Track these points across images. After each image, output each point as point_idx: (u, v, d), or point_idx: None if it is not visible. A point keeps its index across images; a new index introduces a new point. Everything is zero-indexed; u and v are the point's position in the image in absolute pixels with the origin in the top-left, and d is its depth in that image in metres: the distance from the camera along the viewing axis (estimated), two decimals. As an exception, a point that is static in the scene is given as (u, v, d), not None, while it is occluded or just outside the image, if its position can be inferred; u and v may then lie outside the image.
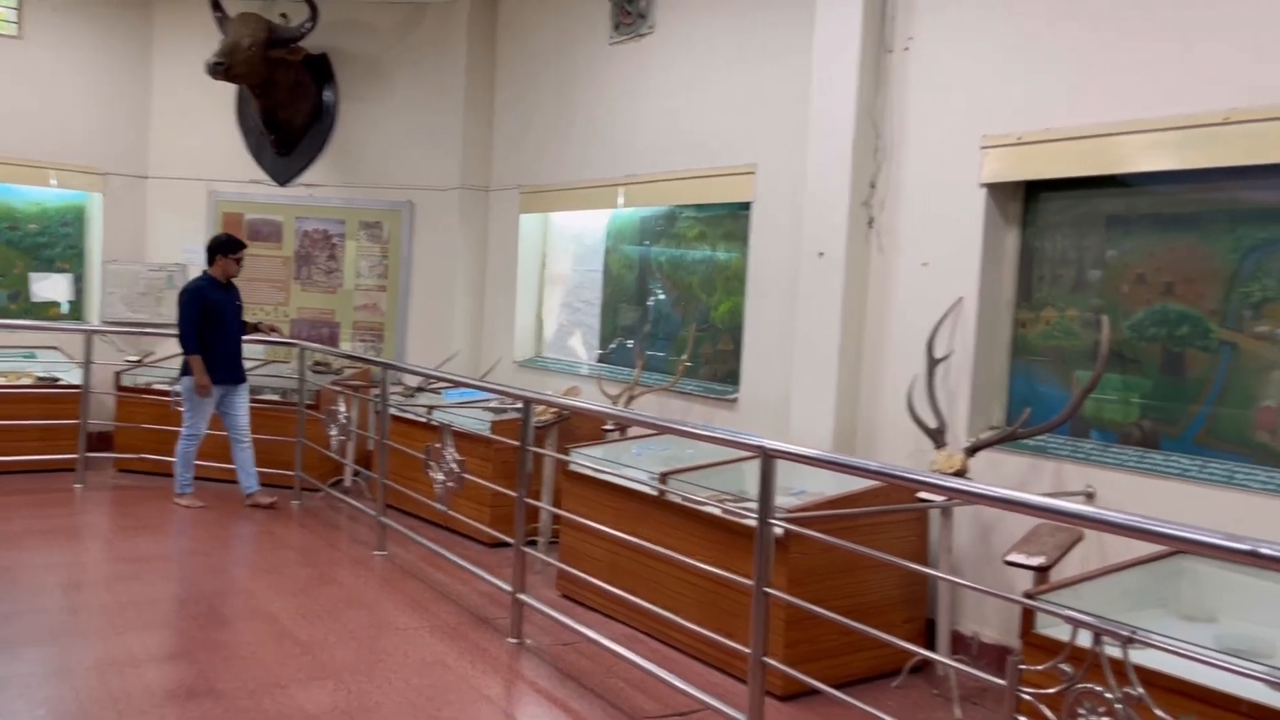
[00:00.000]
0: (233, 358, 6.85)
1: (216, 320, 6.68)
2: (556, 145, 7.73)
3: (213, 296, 6.71)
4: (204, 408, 6.75)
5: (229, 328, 6.79)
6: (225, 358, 6.77)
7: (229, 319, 6.80)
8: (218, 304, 6.71)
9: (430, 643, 4.60)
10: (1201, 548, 2.29)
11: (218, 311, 6.69)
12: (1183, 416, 4.13)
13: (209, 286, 6.75)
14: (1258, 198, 3.91)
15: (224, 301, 6.77)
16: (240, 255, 6.85)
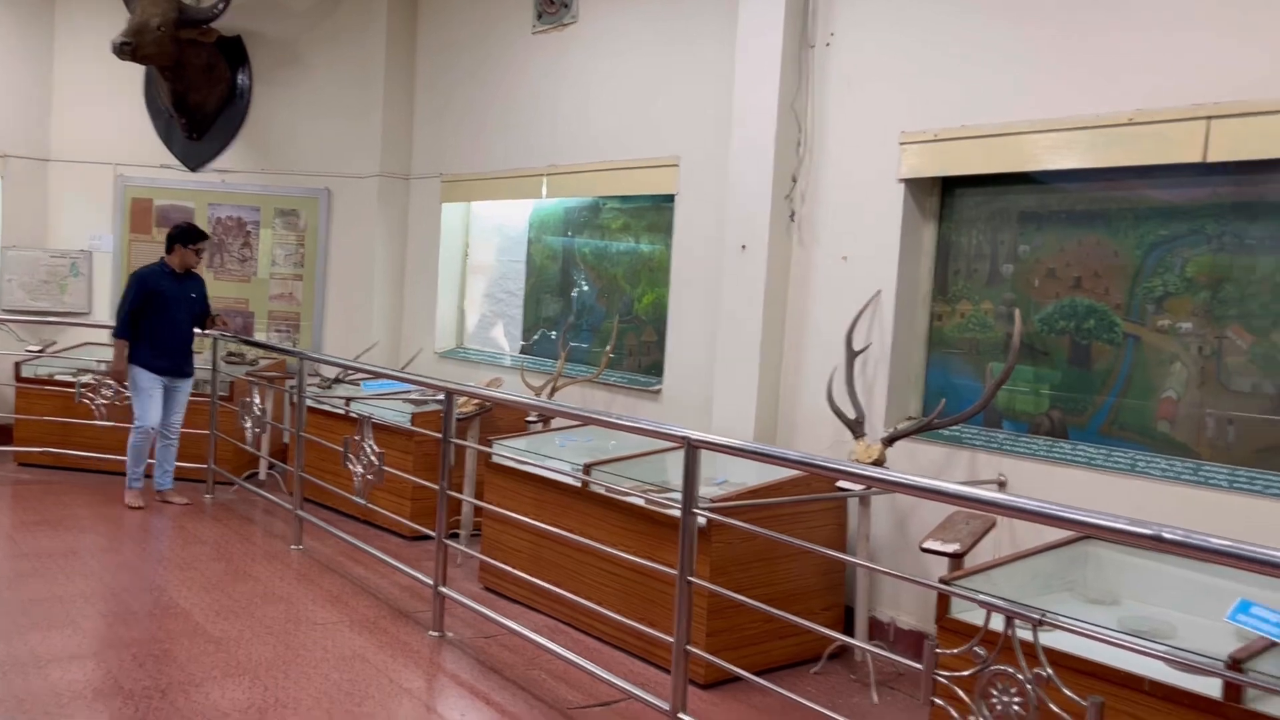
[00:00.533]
0: (176, 350, 6.56)
1: (161, 309, 6.44)
2: (479, 134, 7.65)
3: (160, 285, 6.46)
4: (149, 397, 6.46)
5: (176, 318, 6.52)
6: (167, 349, 6.50)
7: (177, 309, 6.52)
8: (165, 292, 6.46)
9: (349, 637, 4.53)
10: (1108, 533, 2.38)
11: (164, 300, 6.44)
12: (1089, 407, 4.27)
13: (158, 275, 6.51)
14: (1160, 196, 4.06)
15: (174, 291, 6.51)
16: (200, 246, 6.59)
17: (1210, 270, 3.91)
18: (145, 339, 6.41)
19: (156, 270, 6.54)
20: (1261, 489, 3.63)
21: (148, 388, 6.44)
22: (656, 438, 3.60)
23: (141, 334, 6.42)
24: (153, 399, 6.47)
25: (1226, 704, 2.56)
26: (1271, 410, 3.74)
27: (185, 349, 6.62)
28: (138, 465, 6.57)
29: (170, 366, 6.53)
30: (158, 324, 6.43)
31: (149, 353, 6.42)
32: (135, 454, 6.54)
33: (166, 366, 6.51)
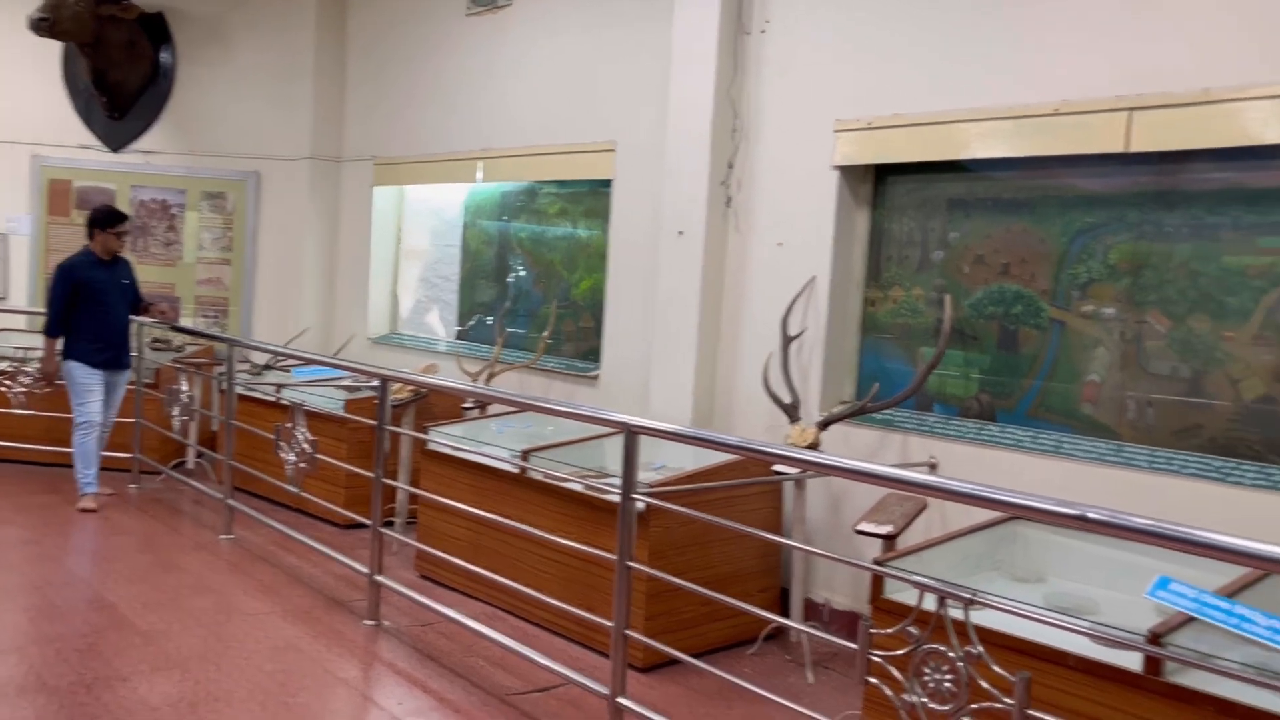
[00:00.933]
0: (114, 341, 6.23)
1: (94, 299, 6.09)
2: (412, 116, 7.55)
3: (89, 275, 6.11)
4: (88, 392, 6.12)
5: (111, 308, 6.19)
6: (106, 340, 6.16)
7: (110, 298, 6.18)
8: (94, 282, 6.11)
9: (282, 627, 4.47)
10: (1037, 513, 2.44)
11: (96, 290, 6.10)
12: (1017, 391, 4.38)
13: (85, 264, 6.14)
14: (1084, 185, 4.17)
15: (105, 279, 6.16)
16: (121, 229, 6.22)
17: (1131, 257, 4.02)
18: (81, 332, 6.08)
19: (83, 259, 6.18)
20: (1178, 469, 3.76)
21: (87, 383, 6.12)
22: (596, 423, 3.61)
23: (76, 327, 6.09)
24: (93, 394, 6.15)
25: (1147, 677, 2.65)
26: (1188, 393, 3.87)
27: (123, 339, 6.33)
28: (89, 467, 6.19)
29: (110, 359, 6.21)
30: (93, 315, 6.09)
31: (87, 346, 6.09)
32: (84, 455, 6.17)
33: (107, 359, 6.18)
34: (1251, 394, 3.72)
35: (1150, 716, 2.63)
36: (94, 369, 6.13)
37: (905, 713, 2.59)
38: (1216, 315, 3.79)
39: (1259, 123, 3.55)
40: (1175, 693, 2.61)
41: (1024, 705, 2.36)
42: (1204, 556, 2.26)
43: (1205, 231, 3.82)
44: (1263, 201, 3.69)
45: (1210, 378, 3.81)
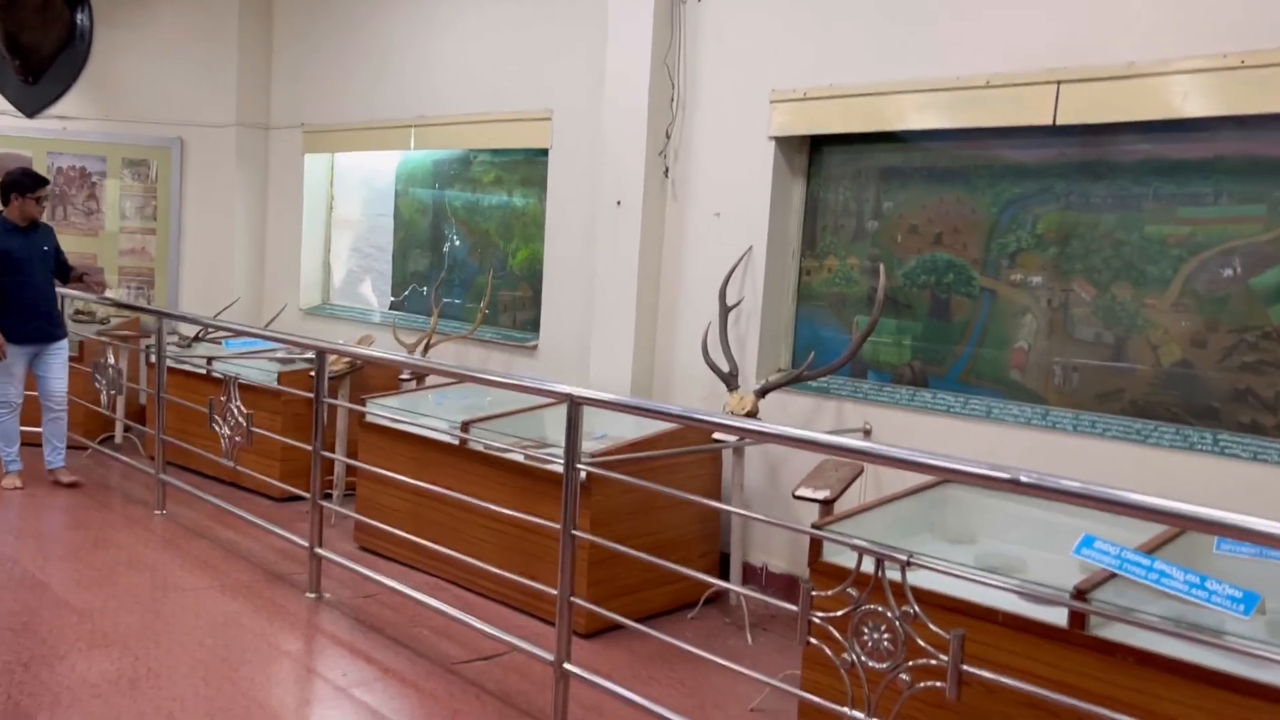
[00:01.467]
0: (39, 312, 5.93)
1: (13, 270, 5.79)
2: (343, 83, 7.40)
3: (6, 244, 5.81)
4: (11, 370, 5.88)
5: (32, 278, 5.88)
6: (29, 312, 5.87)
7: (31, 267, 5.88)
8: (13, 251, 5.81)
9: (222, 602, 4.43)
10: (972, 477, 2.53)
11: (13, 260, 5.79)
12: (949, 357, 4.50)
13: (1, 231, 5.86)
14: (1014, 156, 4.27)
15: (24, 247, 5.86)
16: (39, 194, 5.89)
17: (1059, 227, 4.15)
18: (4, 306, 5.81)
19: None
20: (1101, 431, 3.91)
21: (10, 361, 5.86)
22: (538, 395, 3.62)
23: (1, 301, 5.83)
24: (13, 374, 5.90)
25: (1071, 631, 2.77)
26: (1111, 358, 4.02)
27: (50, 309, 6.03)
28: (10, 445, 6.00)
29: (35, 332, 5.92)
30: (12, 287, 5.81)
31: (11, 321, 5.80)
32: (2, 434, 5.98)
33: (31, 332, 5.90)
34: (1169, 359, 3.87)
35: (1074, 668, 2.75)
36: (17, 345, 5.86)
37: (845, 671, 2.67)
38: (1138, 283, 3.93)
39: (1179, 96, 3.68)
40: (1098, 645, 2.73)
41: (958, 661, 2.45)
42: (1126, 516, 2.37)
43: (1128, 202, 3.95)
44: (1182, 173, 3.82)
45: (1132, 343, 3.96)
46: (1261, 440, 3.61)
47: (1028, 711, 2.81)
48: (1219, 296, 3.75)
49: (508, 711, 3.57)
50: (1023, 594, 2.94)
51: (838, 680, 2.74)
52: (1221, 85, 3.58)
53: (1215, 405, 3.76)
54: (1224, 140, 3.73)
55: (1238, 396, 3.72)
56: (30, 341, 5.93)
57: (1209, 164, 3.76)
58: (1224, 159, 3.74)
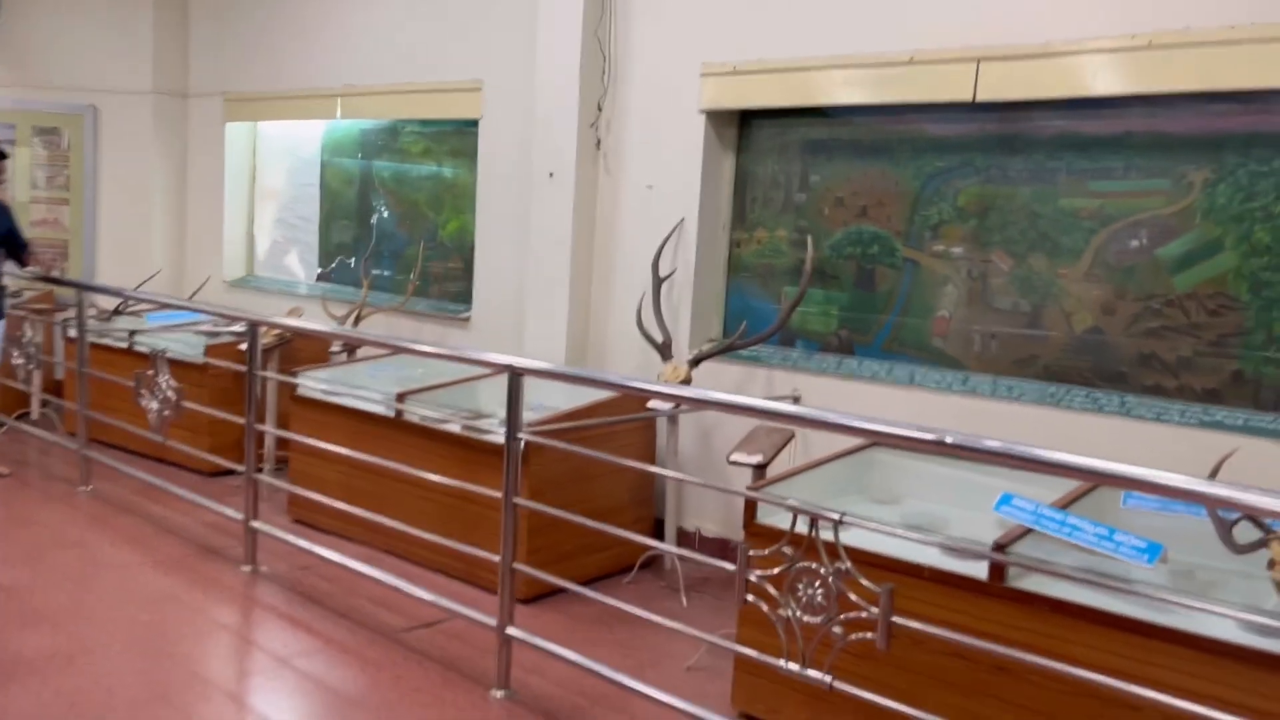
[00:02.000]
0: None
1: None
2: (265, 50, 7.26)
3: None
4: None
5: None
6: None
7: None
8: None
9: (155, 578, 4.40)
10: (901, 439, 2.66)
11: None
12: (874, 326, 4.65)
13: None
14: (934, 131, 4.42)
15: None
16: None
17: (978, 200, 4.31)
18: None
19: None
20: (1018, 396, 4.10)
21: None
22: (478, 365, 3.66)
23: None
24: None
25: (992, 584, 2.93)
26: (1027, 326, 4.20)
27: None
28: None
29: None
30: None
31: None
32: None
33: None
34: (1081, 326, 4.07)
35: (995, 618, 2.91)
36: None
37: (781, 626, 2.79)
38: (1053, 254, 4.12)
39: (1091, 75, 3.85)
40: (1016, 596, 2.90)
41: (888, 613, 2.59)
42: (1043, 473, 2.53)
43: (1044, 176, 4.12)
44: (1093, 148, 4.00)
45: (1047, 311, 4.15)
46: (1164, 401, 3.83)
47: (952, 660, 2.97)
48: (1127, 266, 3.95)
49: (451, 676, 3.63)
50: (947, 549, 3.11)
51: (772, 637, 2.87)
52: (1130, 64, 3.76)
53: (1123, 369, 3.97)
54: (1133, 117, 3.92)
55: (1143, 361, 3.93)
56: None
57: (1119, 140, 3.95)
58: (1132, 135, 3.92)
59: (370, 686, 3.51)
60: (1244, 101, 3.65)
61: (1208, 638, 2.61)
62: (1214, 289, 3.77)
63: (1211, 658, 2.59)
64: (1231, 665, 2.57)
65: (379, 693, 3.47)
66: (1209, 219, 3.76)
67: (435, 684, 3.56)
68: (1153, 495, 3.03)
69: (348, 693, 3.45)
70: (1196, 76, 3.63)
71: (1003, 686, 2.89)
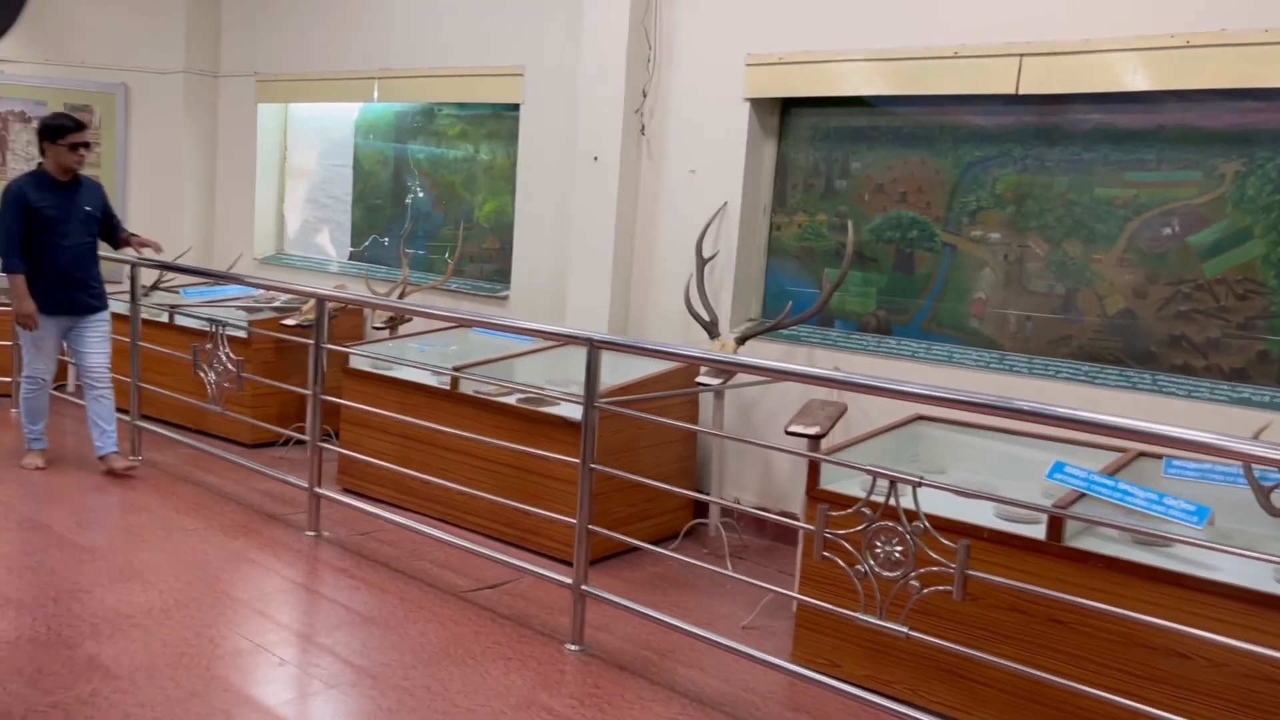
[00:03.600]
0: (72, 278, 5.22)
1: (46, 230, 5.11)
2: (299, 32, 7.39)
3: (37, 199, 5.08)
4: (40, 343, 5.28)
5: (66, 240, 5.17)
6: (59, 280, 5.18)
7: (67, 228, 5.17)
8: (46, 209, 5.10)
9: (224, 540, 4.58)
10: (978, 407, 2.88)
11: (46, 219, 5.10)
12: (912, 307, 4.88)
13: (36, 185, 5.13)
14: (975, 122, 4.64)
15: (59, 205, 5.14)
16: (72, 140, 5.11)
17: (1015, 188, 4.54)
18: (35, 270, 5.14)
19: (31, 180, 5.18)
20: (1053, 374, 4.35)
21: (40, 333, 5.24)
22: (558, 340, 3.87)
23: (31, 265, 5.14)
24: (41, 347, 5.31)
25: (1049, 543, 3.17)
26: (1061, 309, 4.45)
27: (86, 277, 5.29)
28: (34, 422, 5.47)
29: (66, 302, 5.24)
30: (45, 250, 5.13)
31: (39, 287, 5.15)
32: (28, 409, 5.46)
33: (61, 303, 5.23)
34: (1114, 309, 4.32)
35: (1052, 574, 3.15)
36: (48, 316, 5.22)
37: (859, 581, 3.02)
38: (1088, 240, 4.36)
39: (1129, 71, 4.08)
40: (1071, 554, 3.14)
41: (964, 567, 2.83)
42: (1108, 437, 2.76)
43: (1080, 166, 4.36)
44: (1128, 141, 4.24)
45: (1081, 295, 4.39)
46: (1194, 380, 4.08)
47: (1010, 615, 3.22)
48: (1159, 253, 4.19)
49: (525, 632, 3.84)
50: (1003, 514, 3.35)
51: (835, 595, 3.10)
52: (1166, 62, 3.99)
53: (1154, 350, 4.22)
54: (1166, 112, 4.15)
55: (1173, 342, 4.18)
56: (63, 312, 5.28)
57: (1152, 133, 4.19)
58: (1165, 129, 4.16)
59: (452, 640, 3.72)
60: (1274, 99, 3.89)
61: (1248, 589, 2.86)
62: (1242, 274, 4.02)
63: (1251, 607, 2.84)
64: (1269, 613, 2.82)
65: (462, 645, 3.68)
66: (1239, 209, 4.01)
67: (512, 639, 3.77)
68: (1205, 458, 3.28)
69: (432, 645, 3.66)
70: (1230, 75, 3.86)
71: (1058, 638, 3.14)
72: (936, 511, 3.32)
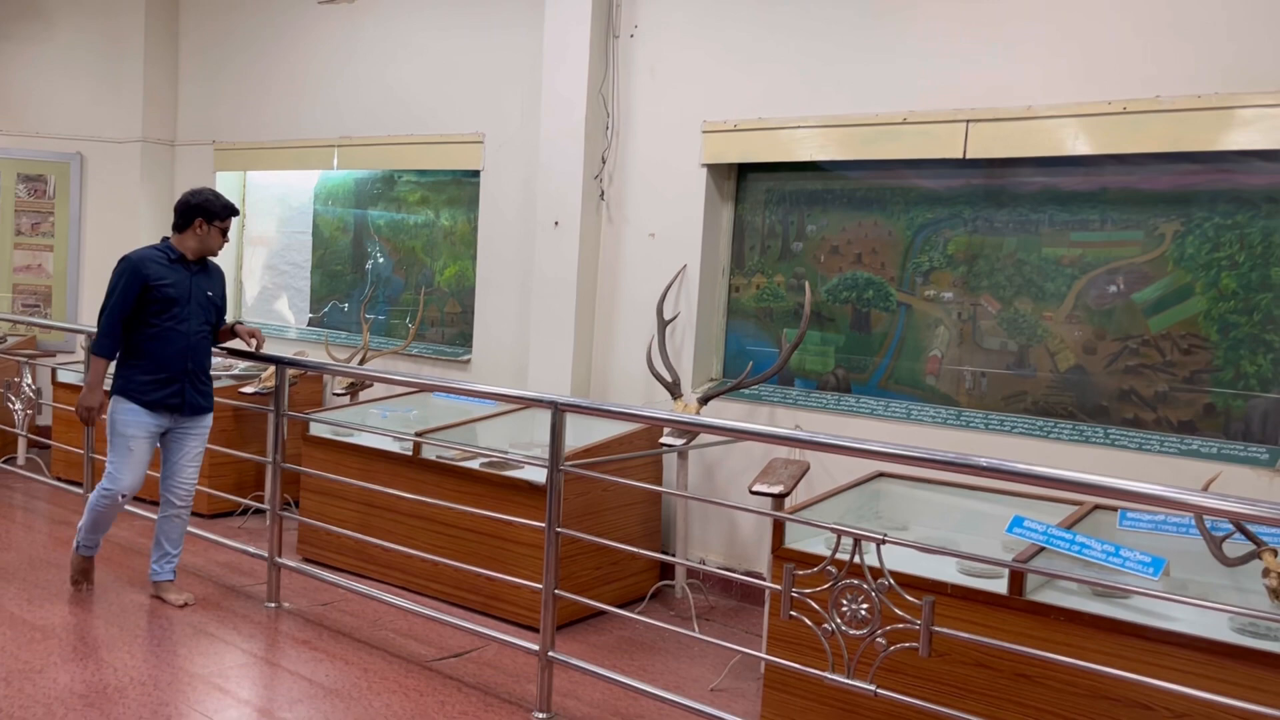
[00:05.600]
0: (184, 370, 4.43)
1: (163, 308, 4.37)
2: (258, 101, 7.44)
3: (163, 277, 4.37)
4: (127, 449, 4.39)
5: (186, 327, 4.43)
6: (173, 369, 4.40)
7: (186, 311, 4.43)
8: (171, 289, 4.38)
9: (182, 615, 4.49)
10: (937, 464, 2.94)
11: (167, 296, 4.36)
12: (869, 365, 4.96)
13: (160, 261, 4.40)
14: (926, 185, 4.78)
15: (184, 286, 4.43)
16: (225, 225, 4.54)
17: (967, 248, 4.66)
18: (138, 356, 4.38)
19: (158, 254, 4.44)
20: (1009, 429, 4.43)
21: (132, 433, 4.38)
22: (522, 403, 3.87)
23: (134, 349, 4.39)
24: (133, 452, 4.40)
25: (1011, 597, 3.21)
26: (1014, 365, 4.55)
27: (199, 370, 4.52)
28: (94, 532, 4.61)
29: (174, 398, 4.43)
30: (155, 334, 4.37)
31: (142, 378, 4.37)
32: (94, 518, 4.56)
33: (169, 399, 4.42)
34: (1065, 364, 4.43)
35: (1014, 629, 3.19)
36: (147, 411, 4.40)
37: (826, 639, 3.04)
38: (1037, 298, 4.48)
39: (1070, 136, 4.23)
40: (1033, 608, 3.18)
41: (929, 624, 2.86)
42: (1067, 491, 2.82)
43: (1028, 227, 4.49)
44: (1073, 202, 4.39)
45: (1032, 351, 4.50)
46: (1144, 433, 4.18)
47: (975, 670, 3.24)
48: (1106, 310, 4.32)
49: (491, 701, 3.80)
50: (976, 563, 3.39)
51: (801, 654, 3.11)
52: (1105, 128, 4.15)
53: (1105, 404, 4.33)
54: (1108, 175, 4.31)
55: (1123, 396, 4.29)
56: (167, 410, 4.45)
57: (1096, 195, 4.34)
58: (1108, 191, 4.32)
59: (417, 711, 3.66)
60: (1209, 161, 4.06)
61: (1207, 639, 2.92)
62: (1186, 330, 4.15)
63: (1211, 657, 2.90)
64: (1228, 663, 2.87)
65: (427, 716, 3.62)
66: (1180, 267, 4.16)
67: (479, 708, 3.72)
68: (1162, 510, 3.36)
69: (396, 717, 3.60)
70: (1166, 139, 4.03)
71: (1024, 692, 3.17)
72: (901, 568, 3.35)
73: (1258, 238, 3.99)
